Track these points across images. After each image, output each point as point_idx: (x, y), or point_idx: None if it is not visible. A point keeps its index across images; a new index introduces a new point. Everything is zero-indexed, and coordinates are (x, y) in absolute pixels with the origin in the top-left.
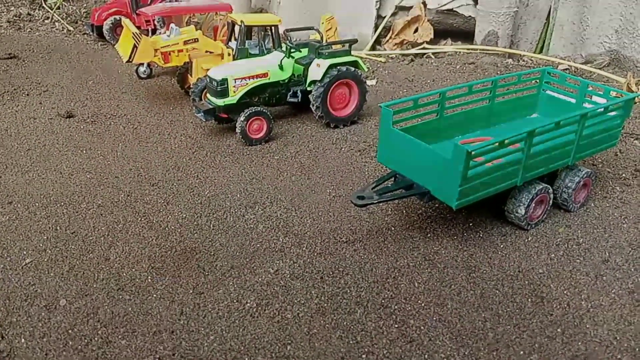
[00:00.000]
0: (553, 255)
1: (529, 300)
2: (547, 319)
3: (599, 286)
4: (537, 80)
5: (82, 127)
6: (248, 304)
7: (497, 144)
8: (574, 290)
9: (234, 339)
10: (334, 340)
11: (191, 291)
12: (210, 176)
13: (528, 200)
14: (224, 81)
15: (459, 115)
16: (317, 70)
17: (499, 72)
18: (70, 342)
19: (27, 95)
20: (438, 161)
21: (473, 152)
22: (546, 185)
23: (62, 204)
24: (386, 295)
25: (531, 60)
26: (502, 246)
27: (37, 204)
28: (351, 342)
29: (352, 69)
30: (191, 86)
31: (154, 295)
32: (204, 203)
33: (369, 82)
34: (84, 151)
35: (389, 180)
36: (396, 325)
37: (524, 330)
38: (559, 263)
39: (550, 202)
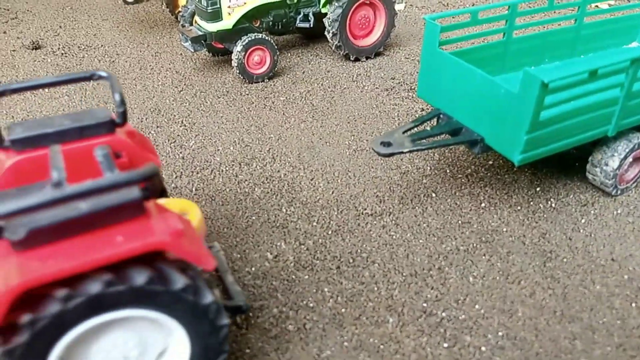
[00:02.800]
0: None
1: (634, 305)
2: None
3: None
4: None
5: (49, 60)
6: None
7: (587, 74)
8: None
9: None
10: None
11: None
12: (198, 122)
13: (626, 152)
14: (216, 0)
15: (533, 39)
16: None
17: None
18: None
19: None
20: (498, 95)
21: (551, 84)
22: None
23: None
24: (429, 296)
25: None
26: (583, 221)
27: None
28: None
29: None
30: (180, 10)
31: None
32: (187, 158)
33: (396, 7)
34: (47, 90)
35: (429, 120)
36: (445, 344)
37: (634, 355)
38: None
39: None
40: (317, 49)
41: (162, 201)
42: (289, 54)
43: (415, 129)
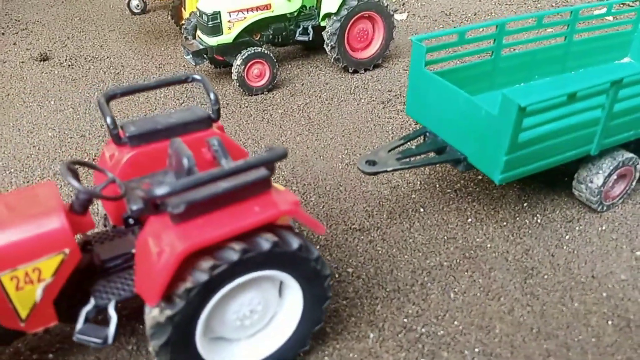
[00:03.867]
0: (639, 252)
1: (610, 323)
2: (638, 354)
3: None
4: (635, 13)
5: (56, 72)
6: None
7: (565, 96)
8: None
9: None
10: None
11: None
12: None
13: (610, 169)
14: (216, 15)
15: (522, 56)
16: (332, 0)
17: (553, 5)
18: None
19: (2, 34)
20: (479, 116)
21: (529, 107)
22: (634, 156)
23: (12, 170)
24: (410, 312)
25: None
26: (567, 237)
27: None
28: None
29: None
30: (182, 23)
31: None
32: None
33: (397, 17)
34: (53, 102)
35: (416, 138)
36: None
37: None
38: None
39: (634, 181)
40: (317, 61)
41: None
42: (289, 66)
43: (401, 147)
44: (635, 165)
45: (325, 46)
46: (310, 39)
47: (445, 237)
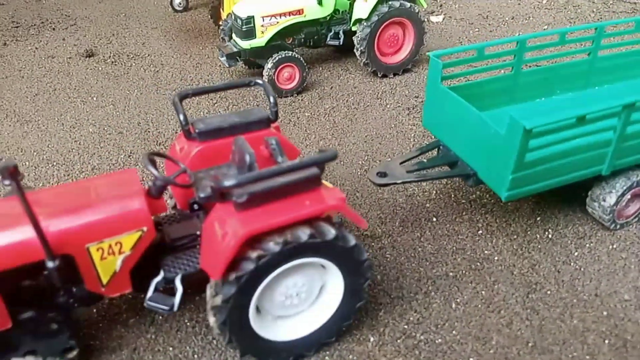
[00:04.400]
0: None
1: (606, 342)
2: None
3: None
4: None
5: (100, 68)
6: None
7: (574, 119)
8: None
9: None
10: None
11: None
12: None
13: (624, 189)
14: (250, 19)
15: (544, 72)
16: (363, 5)
17: (594, 10)
18: None
19: (53, 30)
20: (488, 134)
21: (534, 130)
22: None
23: (55, 163)
24: (411, 319)
25: None
26: (576, 254)
27: (27, 162)
28: None
29: (408, 4)
30: (220, 24)
31: None
32: None
33: (434, 19)
34: (95, 98)
35: (430, 151)
36: None
37: None
38: None
39: None
40: (348, 64)
41: None
42: (321, 68)
43: (414, 159)
44: None
45: (355, 50)
46: (341, 43)
47: (454, 248)
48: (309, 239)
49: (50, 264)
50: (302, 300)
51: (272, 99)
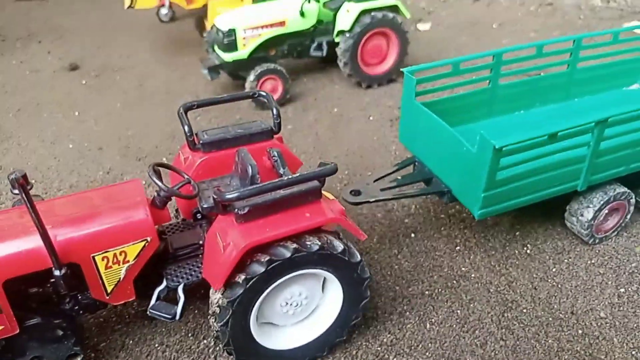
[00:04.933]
0: (623, 289)
1: None
2: None
3: None
4: None
5: (84, 81)
6: (204, 342)
7: (546, 137)
8: None
9: None
10: None
11: None
12: None
13: (601, 204)
14: (232, 32)
15: (521, 84)
16: (345, 17)
17: (581, 17)
18: None
19: (39, 43)
20: (460, 151)
21: (504, 149)
22: (627, 190)
23: (33, 181)
24: (385, 340)
25: (626, 2)
26: (554, 270)
27: (5, 181)
28: None
29: (391, 15)
30: (204, 35)
31: None
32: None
33: (421, 27)
34: (77, 113)
35: (407, 167)
36: None
37: None
38: (630, 303)
39: (629, 214)
40: (334, 74)
41: None
42: (306, 79)
43: (391, 175)
44: (628, 199)
45: (338, 62)
46: (324, 54)
47: (432, 265)
48: (319, 250)
49: (57, 272)
50: (304, 307)
51: (274, 111)
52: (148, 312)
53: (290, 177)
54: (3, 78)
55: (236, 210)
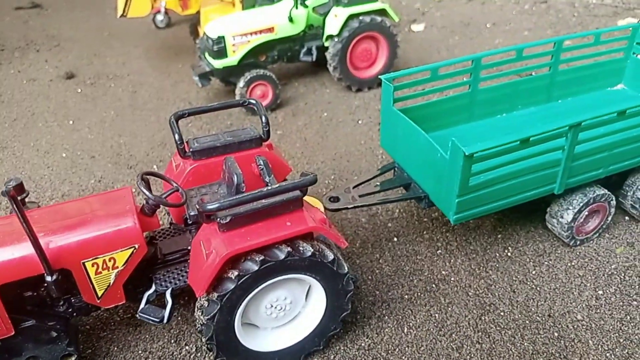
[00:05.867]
0: (601, 292)
1: None
2: None
3: None
4: (626, 41)
5: (79, 90)
6: (186, 348)
7: (518, 142)
8: (622, 352)
9: None
10: None
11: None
12: None
13: (580, 206)
14: (221, 39)
15: (502, 88)
16: (333, 21)
17: (575, 15)
18: None
19: (37, 51)
20: (435, 157)
21: (475, 155)
22: (607, 192)
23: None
24: (363, 344)
25: None
26: (534, 273)
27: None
28: None
29: (379, 18)
30: (196, 42)
31: None
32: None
33: (415, 28)
34: (72, 122)
35: (387, 172)
36: None
37: None
38: (607, 305)
39: (610, 216)
40: (325, 78)
41: None
42: (297, 83)
43: (372, 180)
44: (609, 201)
45: (328, 66)
46: (314, 59)
47: (412, 269)
48: (287, 257)
49: (48, 278)
50: (287, 312)
51: (264, 119)
52: (137, 315)
53: (269, 188)
54: (0, 88)
55: (218, 219)
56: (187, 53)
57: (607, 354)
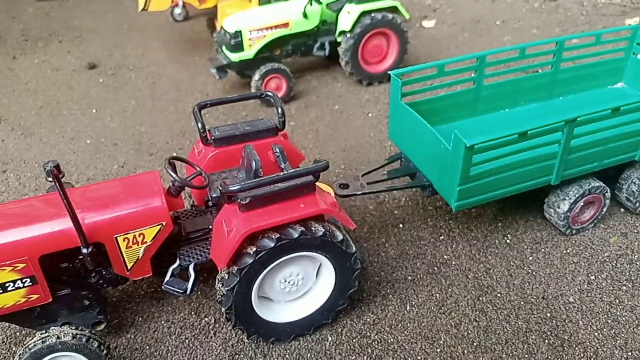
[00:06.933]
0: (593, 277)
1: (546, 342)
2: None
3: None
4: (626, 41)
5: (101, 80)
6: (205, 319)
7: (516, 135)
8: (609, 332)
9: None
10: None
11: None
12: None
13: (576, 196)
14: (238, 33)
15: (506, 85)
16: (346, 18)
17: (584, 13)
18: None
19: (60, 42)
20: (439, 149)
21: (476, 147)
22: (603, 184)
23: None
24: (368, 320)
25: None
26: (530, 259)
27: (28, 174)
28: None
29: (390, 15)
30: (214, 35)
31: None
32: None
33: (426, 24)
34: (94, 110)
35: (395, 162)
36: None
37: None
38: (598, 289)
39: (605, 207)
40: (337, 72)
41: None
42: (310, 77)
43: (379, 170)
44: (603, 193)
45: (340, 61)
46: (327, 54)
47: (416, 253)
48: (300, 236)
49: (84, 250)
50: (299, 287)
51: (280, 110)
52: (163, 287)
53: (286, 172)
54: (26, 77)
55: (239, 200)
56: (204, 46)
57: (596, 333)
